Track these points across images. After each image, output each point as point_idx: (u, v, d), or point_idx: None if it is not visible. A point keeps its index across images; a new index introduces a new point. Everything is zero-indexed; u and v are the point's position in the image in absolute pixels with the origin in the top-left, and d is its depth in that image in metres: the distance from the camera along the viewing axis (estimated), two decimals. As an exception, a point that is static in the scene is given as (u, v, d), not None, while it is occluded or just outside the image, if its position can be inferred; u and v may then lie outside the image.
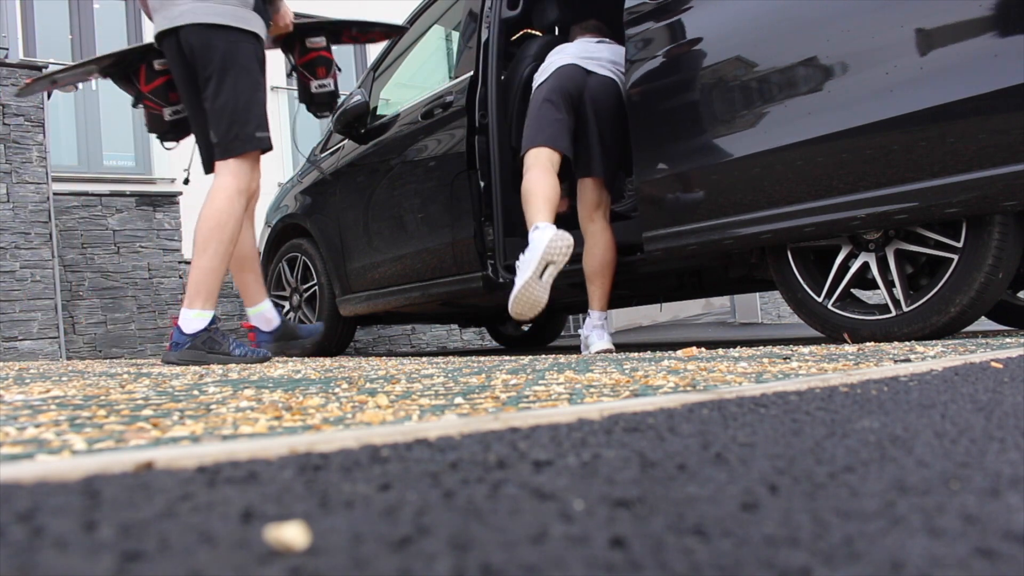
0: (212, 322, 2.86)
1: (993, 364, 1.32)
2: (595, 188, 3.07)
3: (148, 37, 9.86)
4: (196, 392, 1.44)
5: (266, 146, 2.89)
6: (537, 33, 3.86)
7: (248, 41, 2.80)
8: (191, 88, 2.87)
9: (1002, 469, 0.57)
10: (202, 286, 2.83)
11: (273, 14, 2.86)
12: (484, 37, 3.50)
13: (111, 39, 9.33)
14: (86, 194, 5.70)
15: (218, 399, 1.26)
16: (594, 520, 0.45)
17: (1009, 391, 1.01)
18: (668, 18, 2.77)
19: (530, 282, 2.74)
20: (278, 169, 9.41)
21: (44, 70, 5.23)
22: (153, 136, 3.27)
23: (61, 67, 3.27)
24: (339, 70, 3.19)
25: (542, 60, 3.63)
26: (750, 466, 0.59)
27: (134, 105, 3.11)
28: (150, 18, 2.90)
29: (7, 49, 5.62)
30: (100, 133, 9.14)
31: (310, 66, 3.02)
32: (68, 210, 5.54)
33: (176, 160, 9.48)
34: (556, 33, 3.84)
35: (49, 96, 5.36)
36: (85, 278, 5.59)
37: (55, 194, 5.29)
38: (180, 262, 5.95)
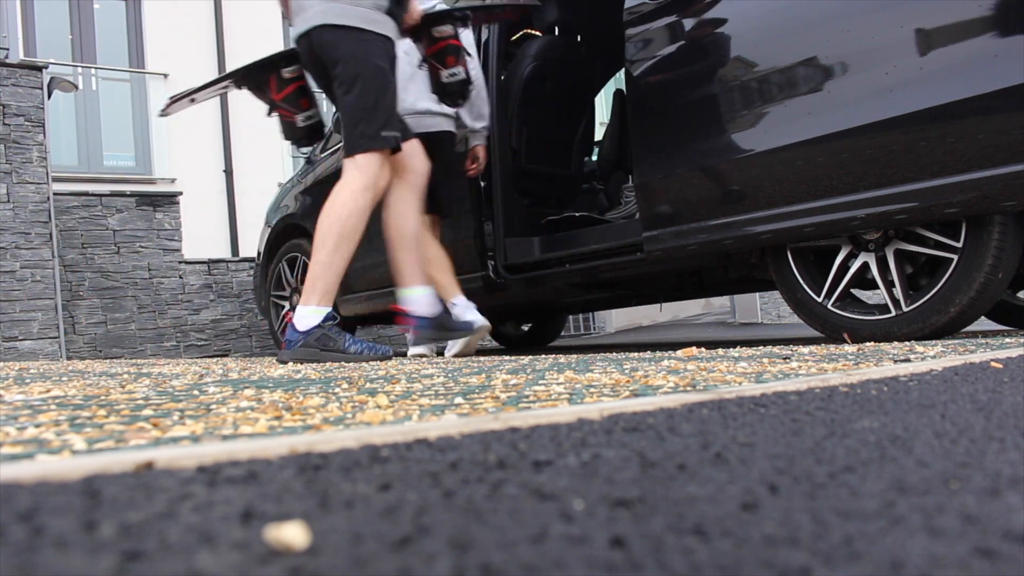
0: (327, 318, 2.79)
1: (993, 364, 1.32)
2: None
3: (148, 38, 9.76)
4: (196, 392, 1.44)
5: (392, 145, 2.85)
6: (537, 33, 3.86)
7: (378, 41, 2.80)
8: (330, 87, 2.89)
9: (1002, 469, 0.57)
10: (319, 282, 2.78)
11: (403, 14, 2.88)
12: (484, 37, 3.50)
13: (111, 39, 9.34)
14: (86, 194, 5.71)
15: (218, 399, 1.26)
16: (594, 520, 0.45)
17: (1009, 391, 1.01)
18: (668, 19, 2.77)
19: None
20: (278, 169, 9.41)
21: (45, 70, 5.23)
22: (288, 142, 3.32)
23: (199, 86, 3.35)
24: (469, 55, 3.16)
25: (542, 60, 3.64)
26: (750, 466, 0.59)
27: (268, 114, 3.17)
28: (291, 23, 2.94)
29: (7, 49, 5.62)
30: (100, 133, 9.15)
31: (439, 55, 3.01)
32: (68, 210, 5.54)
33: (176, 160, 9.46)
34: (556, 33, 3.84)
35: (50, 96, 5.37)
36: (85, 278, 5.59)
37: (55, 194, 5.30)
38: (180, 262, 5.95)
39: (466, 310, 3.29)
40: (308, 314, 2.77)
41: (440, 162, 3.30)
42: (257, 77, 3.11)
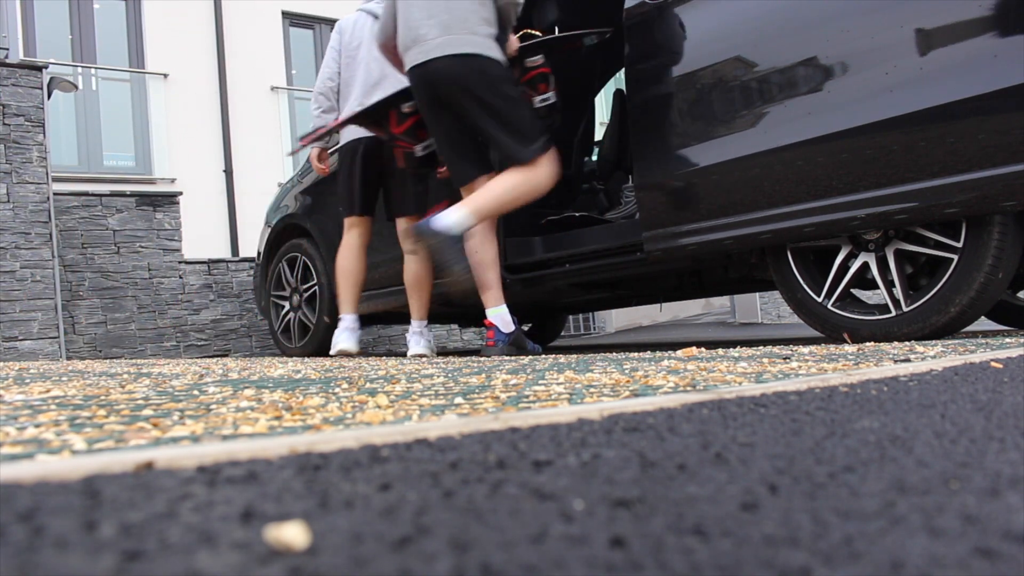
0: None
1: (993, 364, 1.32)
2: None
3: (148, 38, 9.76)
4: (196, 392, 1.44)
5: (548, 148, 3.06)
6: (537, 33, 3.86)
7: (500, 64, 3.00)
8: (443, 113, 3.05)
9: (1002, 469, 0.57)
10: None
11: (505, 43, 3.08)
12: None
13: (111, 39, 9.34)
14: (86, 194, 5.71)
15: (218, 399, 1.26)
16: (594, 520, 0.45)
17: (1009, 391, 1.01)
18: (667, 19, 2.77)
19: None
20: (278, 169, 9.41)
21: (45, 70, 5.23)
22: (288, 153, 3.53)
23: (321, 129, 3.68)
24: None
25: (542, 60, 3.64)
26: (750, 466, 0.59)
27: (290, 153, 3.45)
28: (399, 67, 3.16)
29: (7, 49, 5.62)
30: (100, 133, 9.14)
31: (532, 83, 3.18)
32: (68, 210, 5.54)
33: (176, 160, 9.46)
34: (556, 33, 3.84)
35: (50, 96, 5.37)
36: (85, 278, 5.59)
37: (55, 194, 5.30)
38: (180, 262, 5.95)
39: (413, 338, 3.65)
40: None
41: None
42: (376, 114, 3.30)
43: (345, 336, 3.72)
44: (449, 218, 2.84)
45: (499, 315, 3.17)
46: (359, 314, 4.34)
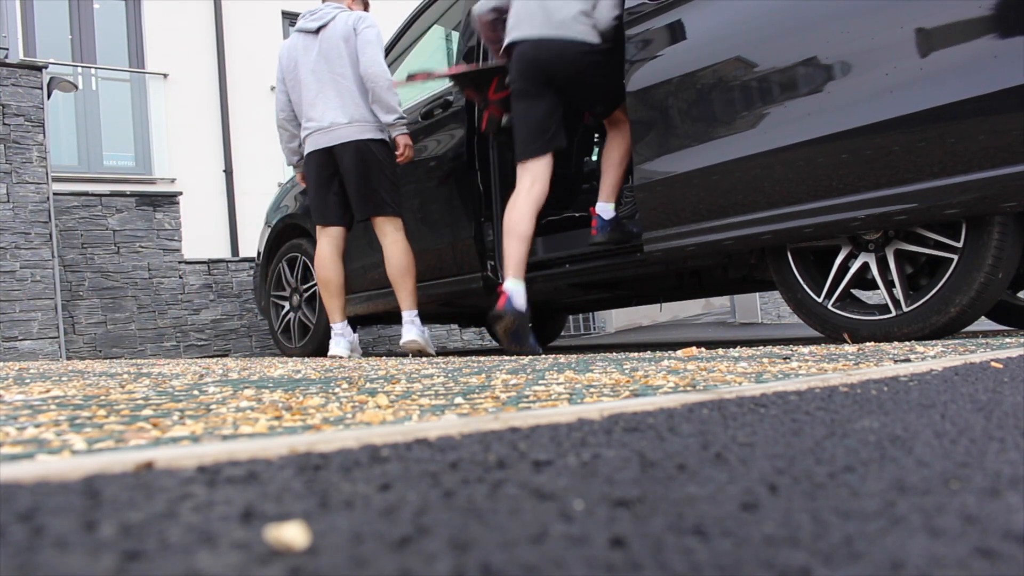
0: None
1: (993, 364, 1.32)
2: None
3: (148, 38, 9.73)
4: (196, 392, 1.44)
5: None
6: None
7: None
8: (543, 87, 3.07)
9: (1002, 469, 0.57)
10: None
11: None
12: (482, 40, 3.49)
13: (111, 39, 9.34)
14: (86, 194, 5.70)
15: (218, 399, 1.26)
16: (594, 520, 0.45)
17: (1009, 391, 1.01)
18: (667, 19, 2.77)
19: None
20: (278, 169, 9.41)
21: (45, 70, 5.23)
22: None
23: (432, 73, 3.72)
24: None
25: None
26: (750, 466, 0.59)
27: (480, 109, 3.45)
28: (493, 42, 3.28)
29: (7, 49, 5.61)
30: (100, 133, 9.14)
31: (506, 102, 3.30)
32: (68, 210, 5.54)
33: (176, 160, 9.46)
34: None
35: (50, 95, 5.37)
36: (85, 278, 5.59)
37: (55, 194, 5.29)
38: (180, 262, 5.95)
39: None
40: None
41: (364, 168, 3.60)
42: (479, 76, 3.35)
43: (335, 342, 3.79)
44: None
45: (516, 289, 3.15)
46: (359, 315, 4.35)
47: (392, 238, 3.66)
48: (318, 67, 3.63)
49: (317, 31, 3.68)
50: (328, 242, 3.78)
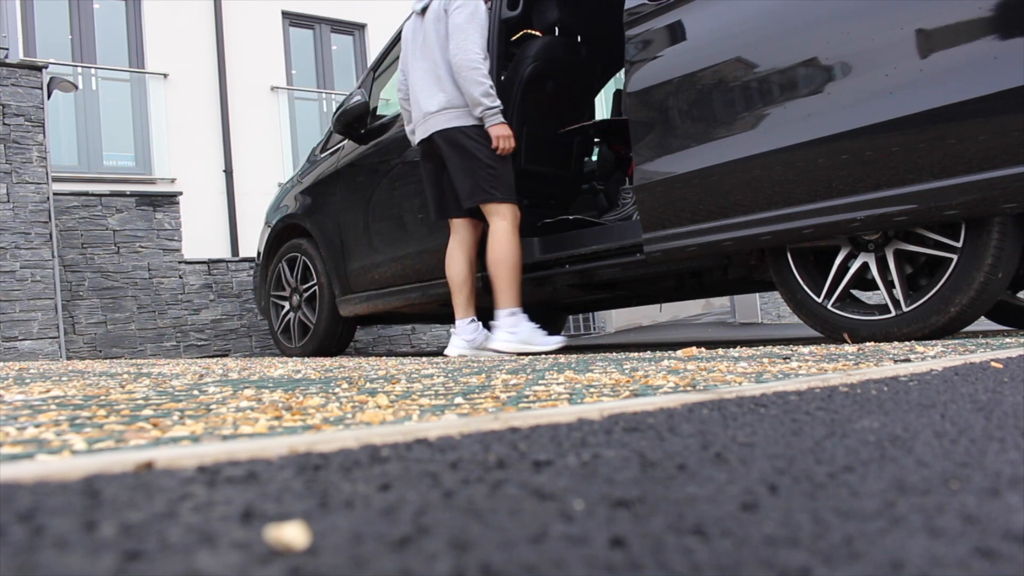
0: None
1: (993, 364, 1.32)
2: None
3: (148, 38, 9.72)
4: (196, 392, 1.44)
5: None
6: (537, 33, 3.86)
7: None
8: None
9: (1002, 469, 0.57)
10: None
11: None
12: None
13: (111, 39, 9.34)
14: (86, 194, 5.70)
15: (218, 399, 1.26)
16: (594, 520, 0.45)
17: (1009, 391, 1.01)
18: (667, 19, 2.77)
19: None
20: (278, 169, 9.41)
21: (45, 70, 5.23)
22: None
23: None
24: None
25: (542, 60, 3.64)
26: (750, 466, 0.59)
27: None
28: None
29: (7, 49, 5.61)
30: (100, 133, 9.14)
31: None
32: (68, 210, 5.54)
33: (176, 160, 9.46)
34: (556, 33, 3.84)
35: (50, 95, 5.36)
36: (85, 278, 5.59)
37: (55, 194, 5.29)
38: (180, 262, 5.95)
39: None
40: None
41: (456, 157, 3.35)
42: None
43: (450, 343, 3.52)
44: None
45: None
46: (359, 315, 4.34)
47: (493, 227, 3.33)
48: (420, 51, 3.44)
49: (423, 12, 3.47)
50: (452, 237, 3.48)
